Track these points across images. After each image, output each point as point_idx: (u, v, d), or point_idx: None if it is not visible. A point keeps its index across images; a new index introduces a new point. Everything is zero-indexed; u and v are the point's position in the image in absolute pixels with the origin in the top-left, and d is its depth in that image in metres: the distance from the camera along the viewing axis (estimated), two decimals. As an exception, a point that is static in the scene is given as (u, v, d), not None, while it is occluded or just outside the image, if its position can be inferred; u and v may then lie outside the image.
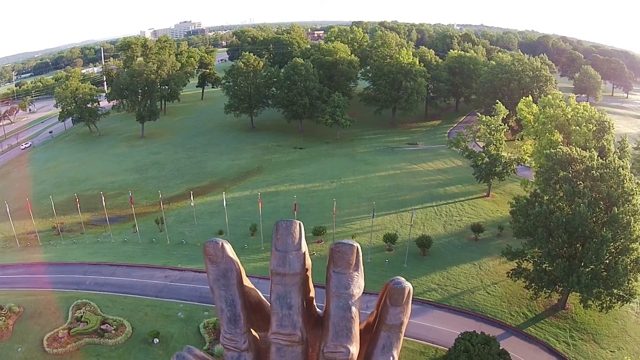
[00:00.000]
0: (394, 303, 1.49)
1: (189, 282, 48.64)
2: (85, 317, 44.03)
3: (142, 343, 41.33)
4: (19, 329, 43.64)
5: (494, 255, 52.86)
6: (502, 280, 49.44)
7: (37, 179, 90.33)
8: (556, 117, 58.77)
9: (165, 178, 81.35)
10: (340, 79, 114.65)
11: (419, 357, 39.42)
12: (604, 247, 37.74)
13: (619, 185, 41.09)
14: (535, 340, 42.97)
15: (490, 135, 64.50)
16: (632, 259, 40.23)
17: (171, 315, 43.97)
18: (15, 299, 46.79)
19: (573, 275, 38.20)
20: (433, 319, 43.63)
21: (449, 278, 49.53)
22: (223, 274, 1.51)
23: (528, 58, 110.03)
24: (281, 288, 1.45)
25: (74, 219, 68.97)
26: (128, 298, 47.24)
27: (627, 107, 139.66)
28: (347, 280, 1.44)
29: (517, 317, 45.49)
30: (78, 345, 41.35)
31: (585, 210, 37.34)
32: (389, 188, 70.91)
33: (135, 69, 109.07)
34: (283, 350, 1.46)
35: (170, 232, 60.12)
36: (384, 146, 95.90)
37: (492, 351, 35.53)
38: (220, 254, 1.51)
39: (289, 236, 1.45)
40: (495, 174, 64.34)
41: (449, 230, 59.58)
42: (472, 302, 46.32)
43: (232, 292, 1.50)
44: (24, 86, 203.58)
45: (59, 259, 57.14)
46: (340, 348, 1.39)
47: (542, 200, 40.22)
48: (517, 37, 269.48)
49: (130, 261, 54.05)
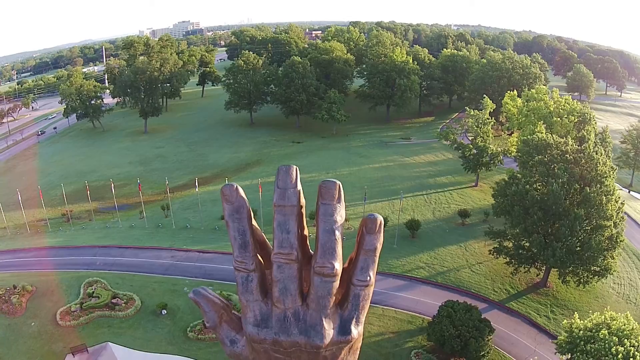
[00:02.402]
0: (369, 231, 1.81)
1: (194, 261, 51.99)
2: (97, 292, 46.79)
3: (151, 315, 44.47)
4: (32, 306, 46.03)
5: (479, 239, 56.26)
6: (486, 260, 52.91)
7: (44, 171, 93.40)
8: (539, 110, 62.33)
9: (169, 170, 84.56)
10: (337, 77, 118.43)
11: (407, 325, 42.89)
12: (577, 223, 41.27)
13: (592, 169, 44.68)
14: (517, 313, 46.20)
15: (478, 128, 68.14)
16: (606, 236, 43.68)
17: (177, 290, 47.15)
18: (27, 280, 49.32)
19: (548, 250, 41.68)
20: (420, 293, 47.10)
21: (436, 258, 53.05)
22: (236, 210, 1.82)
23: (518, 56, 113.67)
24: (281, 217, 1.78)
25: (82, 207, 72.24)
26: (136, 276, 50.35)
27: (619, 105, 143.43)
28: (332, 209, 1.75)
29: (500, 293, 48.92)
30: (90, 318, 44.08)
31: (559, 190, 40.88)
32: (382, 178, 74.46)
33: (139, 66, 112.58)
34: (282, 267, 1.77)
35: (176, 218, 63.56)
36: (378, 141, 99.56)
37: (472, 317, 38.96)
38: (235, 194, 1.82)
39: (288, 177, 1.76)
40: (483, 164, 67.90)
41: (437, 216, 63.13)
42: (457, 279, 49.81)
43: (243, 224, 1.81)
44: (26, 85, 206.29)
45: (69, 243, 60.06)
46: (327, 264, 1.71)
47: (519, 181, 43.80)
48: (512, 37, 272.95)
49: (138, 243, 57.33)
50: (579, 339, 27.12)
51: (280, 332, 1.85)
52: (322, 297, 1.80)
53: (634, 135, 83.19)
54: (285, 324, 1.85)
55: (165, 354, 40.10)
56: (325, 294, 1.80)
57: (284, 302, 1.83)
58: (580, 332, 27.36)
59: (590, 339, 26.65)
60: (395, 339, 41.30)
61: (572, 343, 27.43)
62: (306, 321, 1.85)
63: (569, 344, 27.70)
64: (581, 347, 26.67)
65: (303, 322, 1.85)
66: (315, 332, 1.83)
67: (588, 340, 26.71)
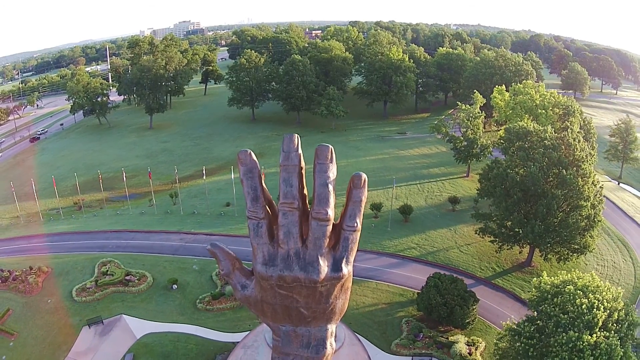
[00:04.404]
0: (355, 186, 2.26)
1: (202, 242, 55.36)
2: (111, 270, 49.47)
3: (163, 289, 47.56)
4: (48, 285, 48.33)
5: (468, 223, 59.72)
6: (474, 242, 56.57)
7: (53, 165, 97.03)
8: (525, 103, 66.09)
9: (175, 162, 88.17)
10: (336, 75, 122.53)
11: (399, 297, 46.51)
12: (554, 203, 44.94)
13: (570, 154, 48.37)
14: (502, 289, 49.56)
15: (468, 121, 71.87)
16: (584, 215, 47.17)
17: (187, 268, 50.59)
18: (43, 262, 51.59)
19: (527, 227, 45.38)
20: (411, 270, 50.71)
21: (427, 239, 56.72)
22: (249, 170, 2.27)
23: (511, 54, 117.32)
24: (285, 174, 2.20)
25: (93, 197, 75.96)
26: (148, 256, 53.58)
27: (614, 103, 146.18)
28: (326, 167, 2.18)
29: (486, 270, 52.52)
30: (104, 294, 46.48)
31: (537, 172, 44.60)
32: (378, 169, 78.16)
33: (145, 64, 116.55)
34: (286, 214, 2.19)
35: (183, 205, 67.27)
36: (375, 135, 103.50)
37: (458, 287, 42.52)
38: (249, 158, 2.28)
39: (291, 142, 2.21)
40: (473, 155, 71.60)
41: (429, 203, 66.86)
42: (446, 258, 53.48)
43: (255, 182, 2.26)
44: (29, 84, 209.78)
45: (81, 229, 63.37)
46: (322, 210, 2.14)
47: (501, 165, 47.55)
48: (510, 36, 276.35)
49: (148, 228, 60.91)
50: (547, 293, 30.73)
51: (284, 269, 2.24)
52: (318, 238, 2.21)
53: (622, 129, 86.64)
54: (288, 261, 2.24)
55: (176, 323, 43.08)
56: (321, 235, 2.20)
57: (287, 243, 2.23)
58: (548, 287, 30.98)
59: (557, 294, 30.26)
60: (388, 309, 44.90)
61: (541, 297, 31.05)
62: (305, 259, 2.23)
63: (538, 298, 31.33)
64: (549, 300, 30.29)
65: (303, 260, 2.24)
66: (312, 269, 2.22)
67: (555, 295, 30.32)
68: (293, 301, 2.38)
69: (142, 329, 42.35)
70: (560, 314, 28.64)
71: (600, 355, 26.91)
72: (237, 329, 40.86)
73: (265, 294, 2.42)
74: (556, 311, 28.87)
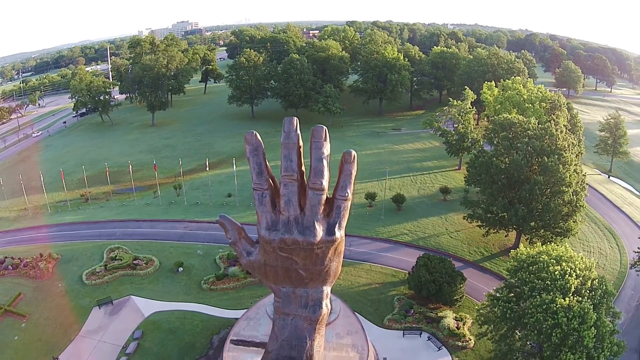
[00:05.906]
0: (346, 161, 2.51)
1: (205, 230, 58.33)
2: (119, 256, 51.76)
3: (169, 272, 50.11)
4: (59, 270, 50.39)
5: (459, 211, 62.62)
6: (464, 229, 59.61)
7: (58, 160, 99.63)
8: (513, 97, 69.22)
9: (178, 157, 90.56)
10: (332, 73, 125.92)
11: (391, 278, 49.47)
12: (537, 188, 47.96)
13: (552, 143, 51.39)
14: (489, 271, 52.57)
15: (460, 116, 74.94)
16: (566, 200, 50.08)
17: (191, 253, 53.31)
18: (52, 250, 53.75)
19: (512, 210, 48.42)
20: (403, 253, 53.68)
21: (418, 226, 59.76)
22: (255, 148, 2.56)
23: (503, 52, 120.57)
24: (286, 151, 2.47)
25: (99, 190, 78.73)
26: (154, 243, 56.19)
27: (608, 100, 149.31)
28: (321, 145, 2.45)
29: (475, 254, 55.53)
30: (113, 277, 48.63)
31: (520, 160, 47.64)
32: (373, 162, 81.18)
33: (147, 63, 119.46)
34: (287, 185, 2.46)
35: (187, 196, 70.18)
36: (370, 131, 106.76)
37: (446, 266, 45.39)
38: (254, 138, 2.57)
39: (291, 124, 2.48)
40: (464, 148, 74.65)
41: (422, 193, 69.94)
42: (437, 243, 56.49)
43: (260, 158, 2.55)
44: (30, 83, 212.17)
45: (89, 219, 65.98)
46: (317, 181, 2.42)
47: (486, 154, 50.64)
48: (506, 35, 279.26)
49: (154, 217, 63.73)
50: (523, 262, 33.76)
51: (285, 232, 2.53)
52: (314, 205, 2.50)
53: (611, 124, 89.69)
54: (288, 226, 2.52)
55: (182, 302, 45.56)
56: (317, 203, 2.49)
57: (288, 210, 2.51)
58: (524, 257, 34.03)
59: (533, 263, 33.29)
60: (381, 288, 47.82)
61: (518, 266, 34.09)
62: (303, 224, 2.52)
63: (515, 267, 34.37)
64: (525, 268, 33.32)
65: (301, 224, 2.52)
66: (310, 232, 2.51)
67: (531, 264, 33.35)
68: (293, 263, 2.68)
69: (150, 308, 44.42)
70: (535, 280, 31.64)
71: (574, 317, 29.65)
72: (239, 307, 43.30)
73: (268, 257, 2.72)
74: (531, 278, 31.88)
